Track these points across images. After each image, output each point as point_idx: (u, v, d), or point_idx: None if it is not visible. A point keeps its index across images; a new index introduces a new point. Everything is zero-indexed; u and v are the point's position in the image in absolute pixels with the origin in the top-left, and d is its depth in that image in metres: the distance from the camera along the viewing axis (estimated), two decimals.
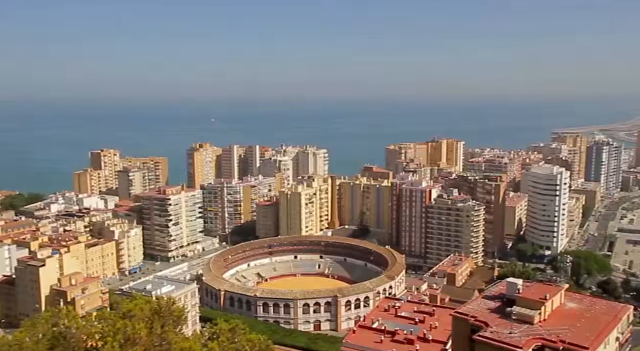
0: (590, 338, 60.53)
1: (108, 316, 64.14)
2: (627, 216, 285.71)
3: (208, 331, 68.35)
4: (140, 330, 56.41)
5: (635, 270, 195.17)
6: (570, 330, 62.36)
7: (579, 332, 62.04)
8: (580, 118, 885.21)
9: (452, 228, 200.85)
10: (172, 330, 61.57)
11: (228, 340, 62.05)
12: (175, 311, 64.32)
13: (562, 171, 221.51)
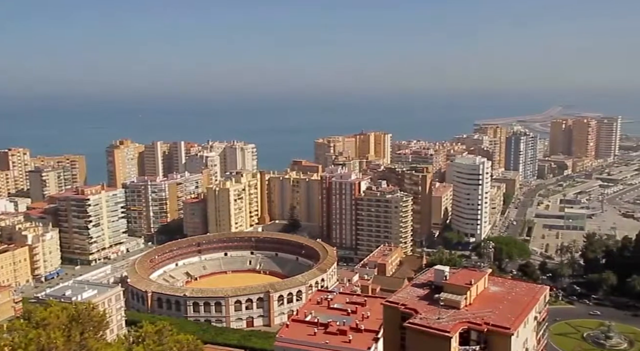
0: (511, 319, 63.66)
1: (20, 326, 59.82)
2: (543, 202, 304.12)
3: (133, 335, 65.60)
4: (56, 338, 53.05)
5: (551, 252, 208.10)
6: (494, 312, 65.30)
7: (501, 314, 65.09)
8: (500, 110, 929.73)
9: (382, 220, 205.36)
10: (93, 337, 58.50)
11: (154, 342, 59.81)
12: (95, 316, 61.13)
13: (484, 161, 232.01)
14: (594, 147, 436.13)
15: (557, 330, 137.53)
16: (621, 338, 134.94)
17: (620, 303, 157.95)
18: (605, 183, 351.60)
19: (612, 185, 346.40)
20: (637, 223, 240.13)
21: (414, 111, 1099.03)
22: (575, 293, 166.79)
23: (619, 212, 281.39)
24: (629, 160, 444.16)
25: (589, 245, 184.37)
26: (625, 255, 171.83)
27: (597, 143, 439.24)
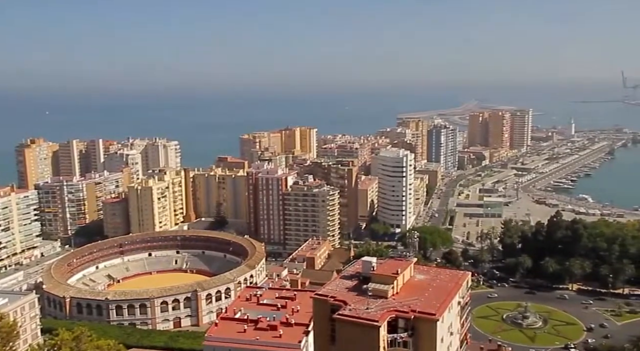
0: (436, 305, 65.67)
1: None
2: (463, 192, 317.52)
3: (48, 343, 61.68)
4: None
5: (472, 240, 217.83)
6: (420, 300, 67.10)
7: (427, 301, 67.00)
8: (422, 104, 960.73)
9: (309, 214, 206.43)
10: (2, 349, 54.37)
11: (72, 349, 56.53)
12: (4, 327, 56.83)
13: (407, 154, 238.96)
14: (509, 138, 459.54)
15: (479, 313, 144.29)
16: (536, 317, 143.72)
17: (535, 284, 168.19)
18: (519, 172, 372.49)
19: (526, 174, 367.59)
20: (549, 209, 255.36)
21: (339, 105, 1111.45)
22: (495, 277, 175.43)
23: (533, 199, 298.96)
24: (540, 150, 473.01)
25: (506, 231, 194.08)
26: (538, 239, 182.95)
27: (511, 134, 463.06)
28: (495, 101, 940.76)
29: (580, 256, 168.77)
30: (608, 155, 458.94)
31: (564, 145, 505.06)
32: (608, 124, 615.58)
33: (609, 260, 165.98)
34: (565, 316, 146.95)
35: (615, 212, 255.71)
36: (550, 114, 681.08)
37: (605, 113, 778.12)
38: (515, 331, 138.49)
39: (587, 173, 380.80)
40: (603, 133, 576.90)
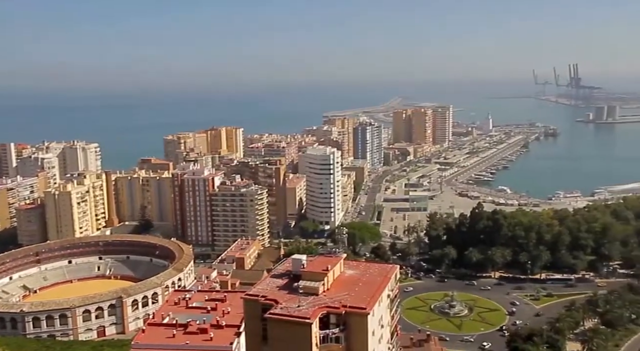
0: (367, 299, 66.55)
1: None
2: (390, 187, 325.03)
3: None
4: None
5: (399, 233, 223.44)
6: (350, 295, 67.72)
7: (357, 295, 67.75)
8: (347, 102, 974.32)
9: (238, 214, 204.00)
10: None
11: None
12: None
13: (334, 151, 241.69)
14: (431, 134, 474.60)
15: (409, 304, 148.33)
16: (462, 306, 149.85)
17: (460, 274, 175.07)
18: (442, 167, 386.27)
19: (449, 168, 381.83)
20: (471, 201, 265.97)
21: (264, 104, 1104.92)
22: (422, 269, 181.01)
23: (456, 192, 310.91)
24: (461, 145, 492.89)
25: (431, 224, 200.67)
26: (462, 231, 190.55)
27: (433, 130, 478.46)
28: (417, 98, 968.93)
29: (501, 245, 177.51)
30: (523, 148, 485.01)
31: (483, 139, 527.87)
32: (522, 119, 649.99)
33: (527, 247, 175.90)
34: (489, 303, 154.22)
35: (531, 202, 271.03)
36: (469, 110, 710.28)
37: (520, 109, 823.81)
38: (443, 320, 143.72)
39: (505, 166, 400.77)
40: (518, 127, 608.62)
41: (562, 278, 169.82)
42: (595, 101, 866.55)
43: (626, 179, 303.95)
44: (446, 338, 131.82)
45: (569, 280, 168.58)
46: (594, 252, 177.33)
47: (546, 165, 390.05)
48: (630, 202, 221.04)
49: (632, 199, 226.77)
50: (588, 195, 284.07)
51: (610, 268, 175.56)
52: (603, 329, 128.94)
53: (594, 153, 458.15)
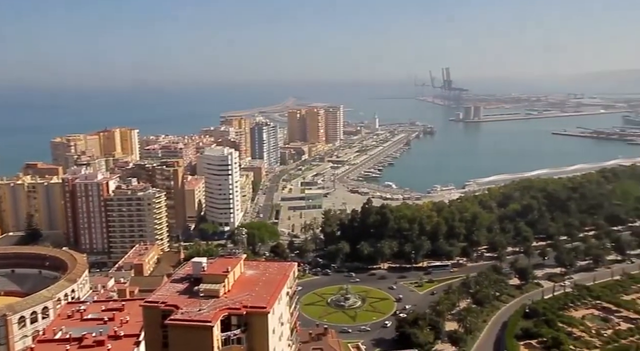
0: (267, 298, 67.34)
1: None
2: (287, 186, 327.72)
3: None
4: None
5: (297, 231, 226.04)
6: (251, 295, 68.14)
7: (258, 295, 68.32)
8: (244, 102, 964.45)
9: (135, 219, 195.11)
10: None
11: None
12: None
13: (232, 152, 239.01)
14: (324, 133, 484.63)
15: (307, 300, 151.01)
16: (356, 298, 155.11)
17: (353, 267, 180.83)
18: (335, 165, 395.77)
19: (341, 166, 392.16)
20: (361, 197, 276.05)
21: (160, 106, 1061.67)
22: (319, 265, 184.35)
23: (348, 188, 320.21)
24: (351, 143, 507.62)
25: (326, 221, 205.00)
26: (354, 226, 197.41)
27: (326, 129, 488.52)
28: (310, 98, 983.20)
29: (389, 237, 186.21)
30: (406, 145, 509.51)
31: (370, 138, 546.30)
32: (404, 118, 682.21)
33: (411, 238, 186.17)
34: (379, 293, 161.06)
35: (414, 196, 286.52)
36: (358, 110, 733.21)
37: (402, 109, 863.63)
38: (339, 313, 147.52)
39: (391, 163, 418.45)
40: (401, 126, 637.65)
41: (441, 265, 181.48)
42: (464, 102, 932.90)
43: (490, 172, 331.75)
44: (348, 329, 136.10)
45: (446, 266, 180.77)
46: (466, 238, 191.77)
47: (425, 161, 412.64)
48: (493, 192, 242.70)
49: (494, 190, 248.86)
50: (460, 188, 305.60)
51: (479, 252, 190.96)
52: (474, 307, 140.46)
53: (464, 149, 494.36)
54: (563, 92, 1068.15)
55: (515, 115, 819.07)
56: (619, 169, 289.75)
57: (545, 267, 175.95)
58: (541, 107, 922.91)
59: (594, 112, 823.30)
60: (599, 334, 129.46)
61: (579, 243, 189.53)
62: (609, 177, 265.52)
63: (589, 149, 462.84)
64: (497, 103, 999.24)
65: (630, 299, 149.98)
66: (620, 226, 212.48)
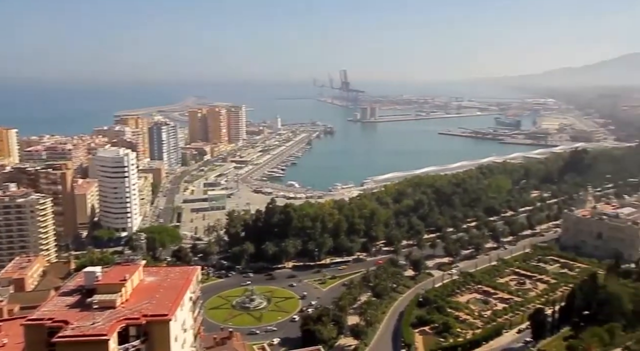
0: (169, 305, 64.09)
1: None
2: (188, 188, 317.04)
3: None
4: None
5: (200, 234, 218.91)
6: (151, 303, 64.45)
7: (159, 302, 64.79)
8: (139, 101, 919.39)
9: (14, 228, 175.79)
10: None
11: None
12: None
13: (128, 153, 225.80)
14: (227, 133, 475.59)
15: (211, 304, 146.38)
16: (262, 298, 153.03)
17: (258, 267, 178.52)
18: (238, 165, 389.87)
19: (244, 166, 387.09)
20: (265, 197, 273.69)
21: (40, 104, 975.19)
22: (224, 267, 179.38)
23: (251, 189, 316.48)
24: (254, 143, 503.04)
25: (230, 222, 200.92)
26: (259, 226, 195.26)
27: (228, 129, 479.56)
28: (211, 98, 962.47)
29: (293, 236, 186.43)
30: (307, 145, 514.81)
31: (273, 137, 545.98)
32: (305, 118, 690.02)
33: (314, 236, 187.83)
34: (284, 292, 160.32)
35: (316, 194, 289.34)
36: (260, 110, 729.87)
37: (303, 109, 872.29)
38: (244, 315, 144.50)
39: (293, 162, 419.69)
40: (302, 126, 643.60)
41: (343, 261, 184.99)
42: (361, 103, 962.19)
43: (386, 170, 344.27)
44: (256, 331, 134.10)
45: (348, 262, 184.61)
46: (365, 234, 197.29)
47: (326, 160, 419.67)
48: (389, 189, 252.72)
49: (390, 187, 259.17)
50: (359, 186, 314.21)
51: (377, 247, 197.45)
52: (374, 300, 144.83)
53: (362, 148, 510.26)
54: (446, 95, 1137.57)
55: (407, 116, 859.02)
56: (493, 165, 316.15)
57: (435, 257, 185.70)
58: (429, 108, 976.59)
59: (472, 114, 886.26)
60: (480, 316, 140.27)
61: (463, 234, 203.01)
62: (486, 172, 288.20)
63: (469, 147, 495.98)
64: (390, 104, 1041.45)
65: (504, 281, 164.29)
66: (495, 216, 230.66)
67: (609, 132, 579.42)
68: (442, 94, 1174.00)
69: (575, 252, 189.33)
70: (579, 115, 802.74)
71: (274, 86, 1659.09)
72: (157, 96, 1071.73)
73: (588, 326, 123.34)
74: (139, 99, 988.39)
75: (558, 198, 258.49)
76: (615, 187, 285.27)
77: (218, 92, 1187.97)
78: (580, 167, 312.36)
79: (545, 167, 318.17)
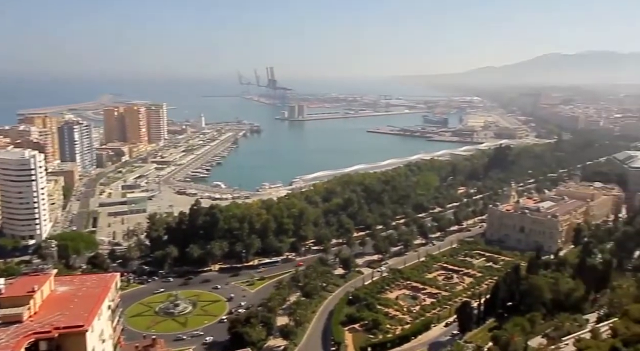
0: (84, 315, 61.95)
1: None
2: (105, 191, 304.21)
3: None
4: None
5: (119, 239, 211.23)
6: (64, 314, 62.06)
7: (73, 313, 62.48)
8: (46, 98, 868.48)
9: None
10: None
11: None
12: None
13: (35, 154, 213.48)
14: (146, 132, 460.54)
15: (132, 312, 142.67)
16: (187, 303, 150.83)
17: (183, 271, 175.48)
18: (159, 166, 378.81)
19: (166, 167, 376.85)
20: (189, 198, 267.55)
21: None
22: (145, 273, 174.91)
23: (174, 190, 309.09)
24: (176, 143, 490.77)
25: (152, 225, 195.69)
26: (182, 228, 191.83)
27: (148, 128, 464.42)
28: (129, 96, 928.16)
29: (219, 238, 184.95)
30: (233, 144, 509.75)
31: (197, 137, 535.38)
32: (231, 117, 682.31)
33: (242, 237, 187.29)
34: (210, 295, 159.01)
35: (243, 195, 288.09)
36: (183, 108, 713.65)
37: (228, 107, 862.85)
38: (168, 321, 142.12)
39: (219, 162, 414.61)
40: (228, 125, 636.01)
41: (271, 262, 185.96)
42: (289, 101, 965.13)
43: (315, 168, 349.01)
44: (182, 336, 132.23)
45: (277, 262, 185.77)
46: (294, 234, 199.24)
47: (253, 159, 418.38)
48: (318, 188, 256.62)
49: (319, 186, 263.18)
50: (287, 185, 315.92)
51: (306, 246, 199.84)
52: (304, 300, 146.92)
53: (290, 146, 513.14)
54: (375, 93, 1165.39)
55: (336, 114, 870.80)
56: (421, 163, 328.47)
57: (365, 255, 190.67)
58: (357, 106, 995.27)
59: (400, 112, 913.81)
60: (409, 311, 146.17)
61: (392, 231, 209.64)
62: (414, 170, 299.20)
63: (397, 145, 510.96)
64: (318, 102, 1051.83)
65: (432, 276, 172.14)
66: (423, 213, 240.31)
67: (531, 129, 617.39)
68: (370, 92, 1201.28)
69: (500, 246, 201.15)
70: (502, 113, 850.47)
71: (198, 84, 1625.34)
72: (68, 94, 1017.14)
73: (511, 316, 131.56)
74: (46, 96, 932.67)
75: (483, 194, 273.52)
76: (536, 181, 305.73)
77: (137, 89, 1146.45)
78: (504, 163, 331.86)
79: (471, 164, 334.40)
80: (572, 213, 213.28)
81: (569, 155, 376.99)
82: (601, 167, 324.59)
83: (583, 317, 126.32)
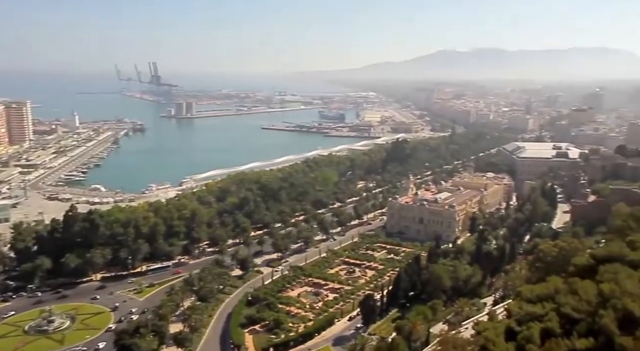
0: None
1: None
2: None
3: None
4: None
5: None
6: None
7: None
8: None
9: None
10: None
11: None
12: None
13: None
14: (7, 133, 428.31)
15: None
16: (63, 318, 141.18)
17: (58, 284, 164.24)
18: (25, 170, 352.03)
19: (33, 171, 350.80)
20: (63, 204, 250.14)
21: None
22: (10, 289, 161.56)
23: (44, 196, 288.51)
24: (45, 144, 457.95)
25: (17, 236, 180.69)
26: (56, 237, 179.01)
27: (9, 129, 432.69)
28: None
29: (101, 245, 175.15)
30: (114, 144, 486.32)
31: (70, 137, 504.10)
32: (110, 115, 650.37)
33: (127, 243, 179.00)
34: (92, 307, 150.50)
35: (127, 197, 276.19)
36: (52, 106, 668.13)
37: (107, 105, 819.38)
38: (42, 339, 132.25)
39: (97, 164, 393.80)
40: (107, 123, 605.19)
41: (162, 267, 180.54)
42: (175, 98, 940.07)
43: (207, 167, 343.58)
44: None
45: (168, 267, 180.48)
46: (187, 236, 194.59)
47: (137, 159, 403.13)
48: (211, 187, 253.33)
49: (212, 185, 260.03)
50: (177, 186, 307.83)
51: (200, 248, 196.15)
52: (199, 304, 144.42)
53: (179, 146, 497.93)
54: (269, 89, 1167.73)
55: (227, 111, 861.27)
56: (319, 158, 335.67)
57: (264, 254, 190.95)
58: (250, 103, 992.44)
59: (296, 108, 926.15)
60: (312, 308, 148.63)
61: (292, 228, 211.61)
62: (312, 166, 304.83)
63: (294, 141, 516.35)
64: (208, 99, 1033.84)
65: (334, 272, 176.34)
66: (323, 209, 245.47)
67: (425, 123, 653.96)
68: (264, 88, 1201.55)
69: (400, 238, 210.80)
70: (398, 108, 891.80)
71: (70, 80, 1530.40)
72: None
73: (414, 305, 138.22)
74: None
75: (382, 188, 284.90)
76: (432, 173, 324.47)
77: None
78: (401, 157, 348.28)
79: (369, 158, 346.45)
80: (468, 202, 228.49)
81: (462, 147, 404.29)
82: (492, 158, 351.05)
83: (481, 301, 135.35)
